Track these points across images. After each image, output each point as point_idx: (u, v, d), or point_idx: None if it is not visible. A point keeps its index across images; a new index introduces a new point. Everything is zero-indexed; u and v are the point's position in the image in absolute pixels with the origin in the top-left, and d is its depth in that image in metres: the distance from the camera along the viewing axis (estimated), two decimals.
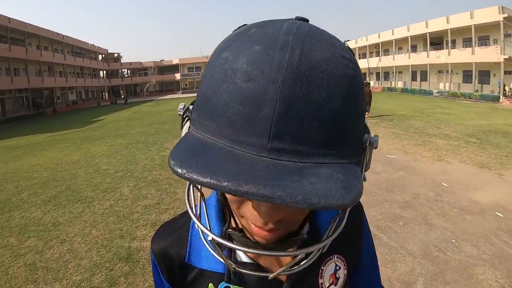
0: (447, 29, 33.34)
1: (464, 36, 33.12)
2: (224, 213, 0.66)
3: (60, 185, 7.25)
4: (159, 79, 65.61)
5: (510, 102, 27.44)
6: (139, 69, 65.36)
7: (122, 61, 66.96)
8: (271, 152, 0.37)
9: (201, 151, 0.38)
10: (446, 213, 4.89)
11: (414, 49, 39.79)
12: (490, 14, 29.49)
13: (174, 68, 65.78)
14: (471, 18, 31.13)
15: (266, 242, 0.50)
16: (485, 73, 31.78)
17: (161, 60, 66.85)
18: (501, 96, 28.35)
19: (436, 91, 34.51)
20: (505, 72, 29.19)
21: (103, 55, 61.98)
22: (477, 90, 31.30)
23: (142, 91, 62.59)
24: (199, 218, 0.49)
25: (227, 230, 0.58)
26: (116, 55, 68.38)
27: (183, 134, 0.49)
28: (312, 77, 0.38)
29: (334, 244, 0.52)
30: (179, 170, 0.36)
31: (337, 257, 0.66)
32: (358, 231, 0.74)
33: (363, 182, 0.43)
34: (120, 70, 65.07)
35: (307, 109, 0.37)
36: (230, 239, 0.56)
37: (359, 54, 50.09)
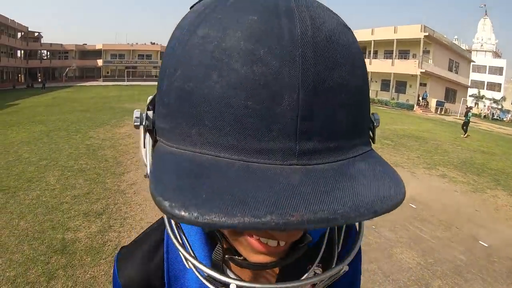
0: (371, 40, 35.65)
1: (386, 48, 35.69)
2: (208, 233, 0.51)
3: None
4: (80, 64, 60.74)
5: (422, 111, 30.17)
6: (59, 52, 60.05)
7: (42, 41, 60.79)
8: (300, 157, 0.27)
9: (202, 177, 0.26)
10: None
11: None
12: (412, 31, 32.15)
13: (97, 53, 61.22)
14: (394, 33, 33.67)
15: (274, 260, 0.39)
16: (402, 84, 34.60)
17: (83, 44, 62.21)
18: (415, 105, 31.07)
19: None
20: (420, 84, 32.12)
21: (22, 33, 55.39)
22: (393, 98, 33.96)
23: (61, 76, 57.53)
24: (182, 246, 0.37)
25: (224, 256, 0.44)
26: (36, 34, 61.83)
27: (145, 154, 0.35)
28: (331, 51, 0.28)
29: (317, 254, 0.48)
30: (186, 214, 0.23)
31: (316, 266, 0.57)
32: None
33: None
34: (39, 51, 59.22)
35: (334, 93, 0.28)
36: (226, 264, 0.47)
37: None
